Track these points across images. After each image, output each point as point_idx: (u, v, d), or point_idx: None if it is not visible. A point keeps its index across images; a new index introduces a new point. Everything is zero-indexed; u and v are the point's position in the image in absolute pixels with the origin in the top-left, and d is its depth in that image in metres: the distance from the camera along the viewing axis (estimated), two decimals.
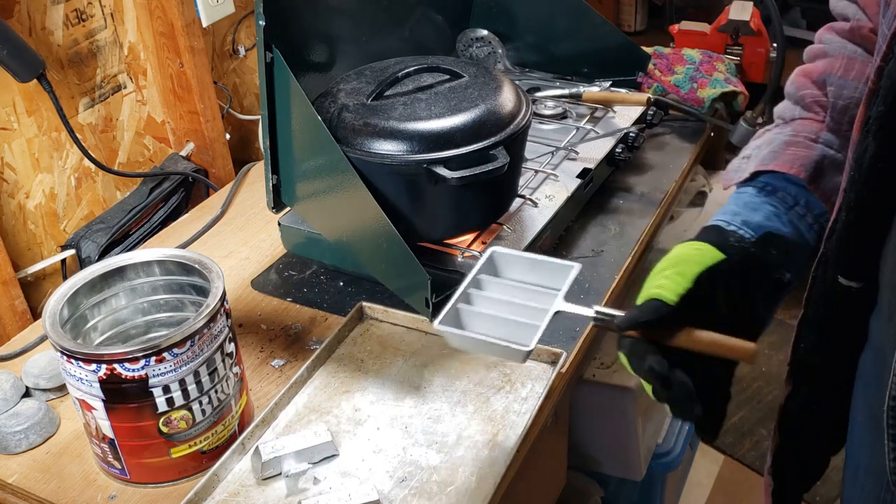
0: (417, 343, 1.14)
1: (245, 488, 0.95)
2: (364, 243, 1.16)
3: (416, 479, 0.95)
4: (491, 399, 1.05)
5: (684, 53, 1.71)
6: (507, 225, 1.23)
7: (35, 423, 1.03)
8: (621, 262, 1.26)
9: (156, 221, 1.48)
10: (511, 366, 1.09)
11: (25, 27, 1.27)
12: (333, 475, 0.95)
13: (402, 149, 1.09)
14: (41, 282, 1.37)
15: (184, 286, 1.04)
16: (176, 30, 1.44)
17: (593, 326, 0.79)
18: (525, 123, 1.15)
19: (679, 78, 1.63)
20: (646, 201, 1.40)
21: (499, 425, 1.01)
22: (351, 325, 1.17)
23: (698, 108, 1.58)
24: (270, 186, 1.21)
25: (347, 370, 1.10)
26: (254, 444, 0.98)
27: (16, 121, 1.28)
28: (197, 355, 0.91)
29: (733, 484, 2.11)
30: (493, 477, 0.94)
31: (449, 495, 0.93)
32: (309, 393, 1.07)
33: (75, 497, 0.97)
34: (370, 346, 1.14)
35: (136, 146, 1.51)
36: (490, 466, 0.96)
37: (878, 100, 0.69)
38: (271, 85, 1.12)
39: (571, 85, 1.56)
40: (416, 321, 1.16)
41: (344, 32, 1.33)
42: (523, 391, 1.06)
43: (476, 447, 0.99)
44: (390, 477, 0.95)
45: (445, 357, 1.11)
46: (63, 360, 0.90)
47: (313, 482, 0.94)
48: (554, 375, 1.06)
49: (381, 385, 1.08)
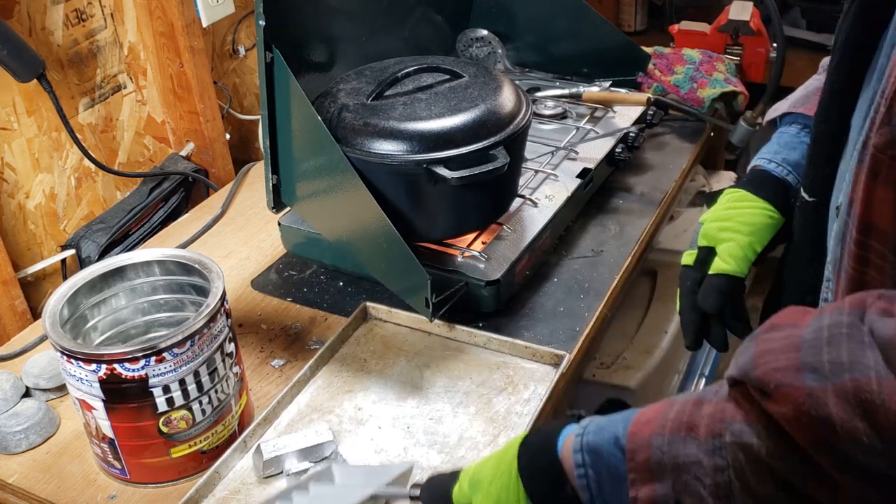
0: (420, 343, 1.14)
1: (246, 486, 0.95)
2: (364, 243, 1.16)
3: (416, 479, 0.95)
4: (493, 400, 1.05)
5: (684, 53, 1.71)
6: (507, 225, 1.23)
7: (35, 423, 1.03)
8: (621, 262, 1.26)
9: (156, 221, 1.48)
10: (514, 367, 1.09)
11: (25, 27, 1.27)
12: None
13: (402, 149, 1.09)
14: (41, 282, 1.37)
15: (184, 286, 1.04)
16: (176, 30, 1.44)
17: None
18: (525, 123, 1.15)
19: (679, 78, 1.63)
20: (646, 201, 1.40)
21: (500, 426, 1.01)
22: (355, 324, 1.17)
23: (698, 108, 1.58)
24: (270, 186, 1.21)
25: (350, 370, 1.10)
26: (255, 443, 0.98)
27: (16, 121, 1.28)
28: (197, 355, 0.91)
29: None
30: None
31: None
32: (311, 392, 1.07)
33: (75, 497, 0.97)
34: (373, 346, 1.14)
35: (136, 146, 1.51)
36: None
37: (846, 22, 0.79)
38: (271, 85, 1.12)
39: (571, 85, 1.56)
40: (419, 322, 1.16)
41: (344, 32, 1.33)
42: (525, 393, 1.06)
43: (477, 448, 0.98)
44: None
45: (448, 358, 1.11)
46: (63, 360, 0.90)
47: None
48: (557, 377, 1.06)
49: (384, 385, 1.08)
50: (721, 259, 0.98)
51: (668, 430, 0.62)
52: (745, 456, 0.57)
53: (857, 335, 0.55)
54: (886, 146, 0.65)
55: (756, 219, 0.99)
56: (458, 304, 1.13)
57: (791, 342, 0.57)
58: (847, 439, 0.52)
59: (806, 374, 0.54)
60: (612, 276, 1.23)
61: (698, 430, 0.60)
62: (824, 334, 0.56)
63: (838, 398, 0.52)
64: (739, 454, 0.57)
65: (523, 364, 1.10)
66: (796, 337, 0.57)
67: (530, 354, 1.10)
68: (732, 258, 0.98)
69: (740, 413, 0.58)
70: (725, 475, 0.58)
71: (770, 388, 0.56)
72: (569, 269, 1.25)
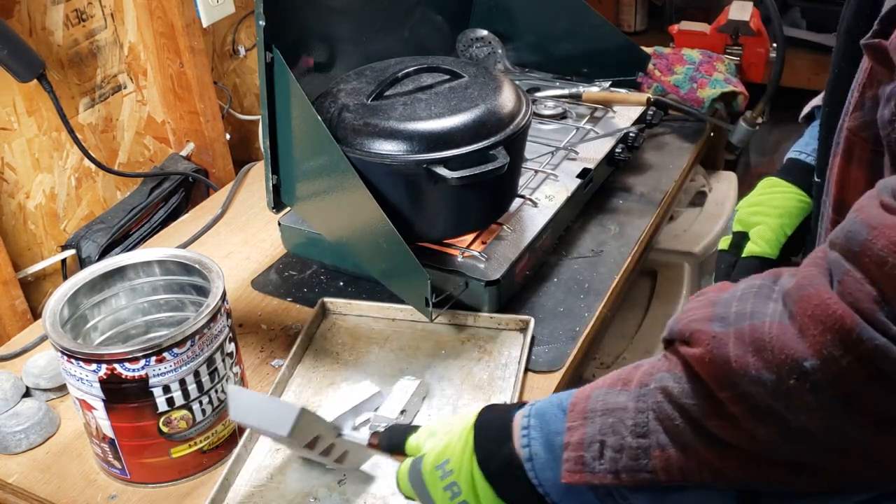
0: (388, 330, 1.16)
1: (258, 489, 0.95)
2: (364, 243, 1.16)
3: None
4: (473, 370, 1.08)
5: (684, 53, 1.71)
6: (507, 225, 1.23)
7: (35, 423, 1.03)
8: (621, 262, 1.26)
9: (156, 221, 1.48)
10: (482, 338, 1.13)
11: (25, 27, 1.28)
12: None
13: (402, 149, 1.09)
14: (41, 282, 1.37)
15: (184, 286, 1.04)
16: (176, 30, 1.44)
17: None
18: (525, 123, 1.15)
19: (679, 78, 1.63)
20: (645, 201, 1.40)
21: (489, 392, 1.05)
22: (316, 321, 1.18)
23: (698, 108, 1.58)
24: (270, 186, 1.21)
25: (326, 364, 1.11)
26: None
27: (16, 121, 1.28)
28: (197, 355, 0.91)
29: None
30: None
31: None
32: (294, 390, 1.08)
33: (75, 497, 0.97)
34: (341, 338, 1.16)
35: (137, 146, 1.51)
36: None
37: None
38: (271, 85, 1.12)
39: (571, 85, 1.56)
40: (381, 310, 1.18)
41: (344, 32, 1.33)
42: (501, 358, 1.10)
43: None
44: None
45: (419, 339, 1.14)
46: (63, 360, 0.90)
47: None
48: (527, 340, 1.10)
49: (364, 373, 1.09)
50: (753, 242, 1.05)
51: (607, 385, 0.70)
52: (664, 397, 0.64)
53: (765, 292, 0.62)
54: (859, 129, 0.71)
55: (786, 202, 1.05)
56: (457, 303, 1.14)
57: (709, 300, 0.65)
58: (740, 372, 0.59)
59: (715, 323, 0.62)
60: (612, 276, 1.23)
61: (631, 384, 0.68)
62: (738, 293, 0.63)
63: (737, 339, 0.59)
64: (659, 396, 0.65)
65: (490, 334, 1.14)
66: (715, 296, 0.65)
67: (496, 324, 1.14)
68: (764, 241, 1.04)
69: (666, 364, 0.66)
70: (645, 416, 0.65)
71: (686, 335, 0.63)
72: (569, 269, 1.25)
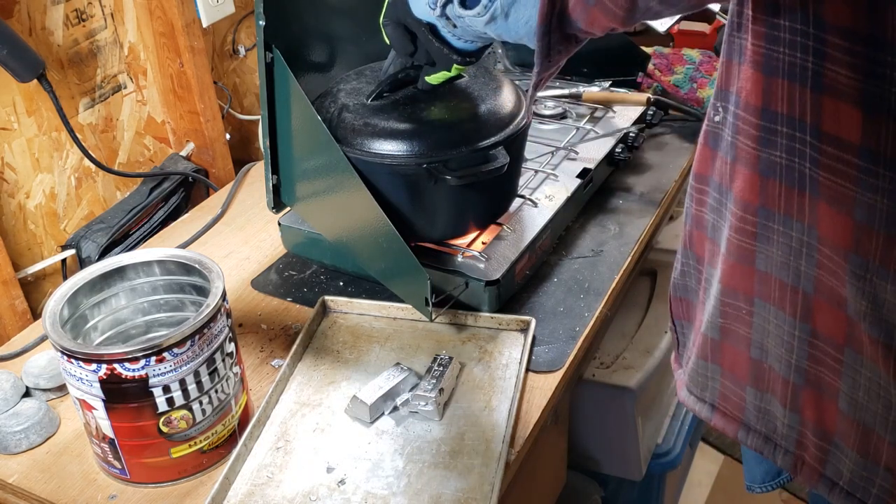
0: (388, 329, 1.16)
1: (258, 487, 0.95)
2: (364, 243, 1.16)
3: (426, 452, 0.97)
4: (474, 370, 1.08)
5: (684, 53, 1.71)
6: (507, 225, 1.23)
7: (35, 423, 1.03)
8: (621, 262, 1.26)
9: (156, 221, 1.48)
10: (483, 338, 1.13)
11: (25, 27, 1.28)
12: (351, 469, 0.96)
13: (402, 149, 1.09)
14: (41, 282, 1.37)
15: (184, 286, 1.04)
16: (176, 30, 1.44)
17: None
18: (525, 123, 1.15)
19: (679, 78, 1.63)
20: (645, 201, 1.40)
21: (489, 392, 1.05)
22: (317, 319, 1.17)
23: (698, 108, 1.58)
24: (270, 186, 1.21)
25: (327, 363, 1.11)
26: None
27: (16, 121, 1.28)
28: (197, 355, 0.91)
29: (733, 484, 2.11)
30: (499, 439, 0.97)
31: (462, 462, 0.95)
32: (294, 389, 1.08)
33: (75, 497, 0.97)
34: (342, 337, 1.16)
35: (136, 146, 1.51)
36: (493, 430, 0.99)
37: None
38: (271, 85, 1.12)
39: (571, 85, 1.56)
40: (382, 308, 1.18)
41: (344, 32, 1.33)
42: (502, 359, 1.10)
43: (474, 414, 1.01)
44: (401, 455, 0.97)
45: (419, 338, 1.14)
46: (63, 360, 0.90)
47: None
48: (528, 341, 1.10)
49: (365, 371, 1.09)
50: None
51: None
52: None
53: None
54: None
55: None
56: (458, 303, 1.14)
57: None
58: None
59: None
60: (611, 276, 1.23)
61: None
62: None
63: None
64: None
65: (491, 334, 1.14)
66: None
67: (496, 324, 1.14)
68: None
69: None
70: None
71: None
72: (569, 269, 1.25)
